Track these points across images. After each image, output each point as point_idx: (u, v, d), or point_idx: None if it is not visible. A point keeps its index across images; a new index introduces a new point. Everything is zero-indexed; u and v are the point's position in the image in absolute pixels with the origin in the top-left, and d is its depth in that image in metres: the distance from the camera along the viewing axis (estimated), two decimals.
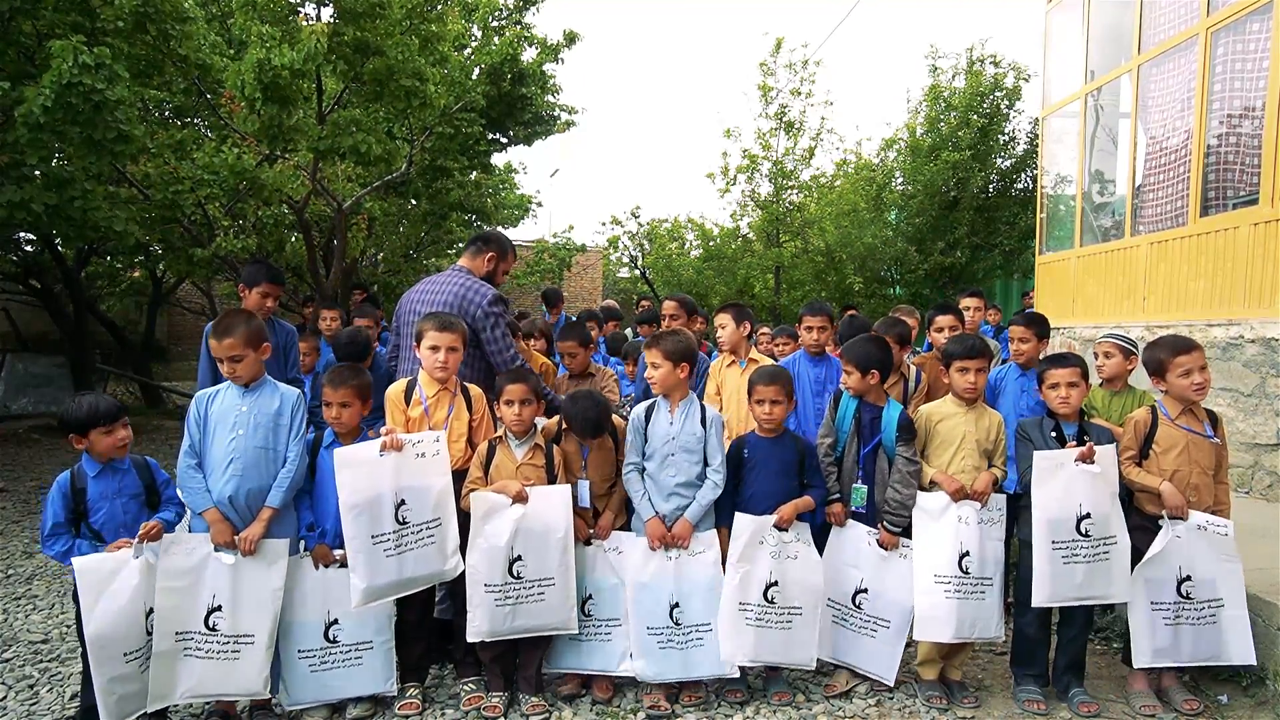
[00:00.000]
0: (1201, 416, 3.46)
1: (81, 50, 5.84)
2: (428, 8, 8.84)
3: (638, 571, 3.44)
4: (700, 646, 3.42)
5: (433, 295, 3.91)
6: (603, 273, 23.49)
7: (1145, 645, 3.39)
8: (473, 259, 4.09)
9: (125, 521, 3.11)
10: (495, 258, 4.12)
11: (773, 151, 15.85)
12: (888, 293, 14.30)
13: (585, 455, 3.57)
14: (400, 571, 3.28)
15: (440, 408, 3.51)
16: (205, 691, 3.15)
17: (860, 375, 3.56)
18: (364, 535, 3.20)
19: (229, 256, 9.28)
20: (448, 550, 3.37)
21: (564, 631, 3.44)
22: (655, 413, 3.54)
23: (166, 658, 3.08)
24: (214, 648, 3.11)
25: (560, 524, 3.35)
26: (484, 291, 3.87)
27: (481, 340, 3.83)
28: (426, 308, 3.84)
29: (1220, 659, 3.39)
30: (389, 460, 3.23)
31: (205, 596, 3.09)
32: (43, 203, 6.39)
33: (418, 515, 3.29)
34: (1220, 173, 6.07)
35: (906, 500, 3.45)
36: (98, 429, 3.07)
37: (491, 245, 4.13)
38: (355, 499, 3.19)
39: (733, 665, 3.43)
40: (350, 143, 7.77)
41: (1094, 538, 3.31)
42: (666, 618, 3.41)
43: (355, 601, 3.24)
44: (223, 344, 3.18)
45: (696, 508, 3.43)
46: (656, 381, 3.50)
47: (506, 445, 3.48)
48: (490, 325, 3.82)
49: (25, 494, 7.33)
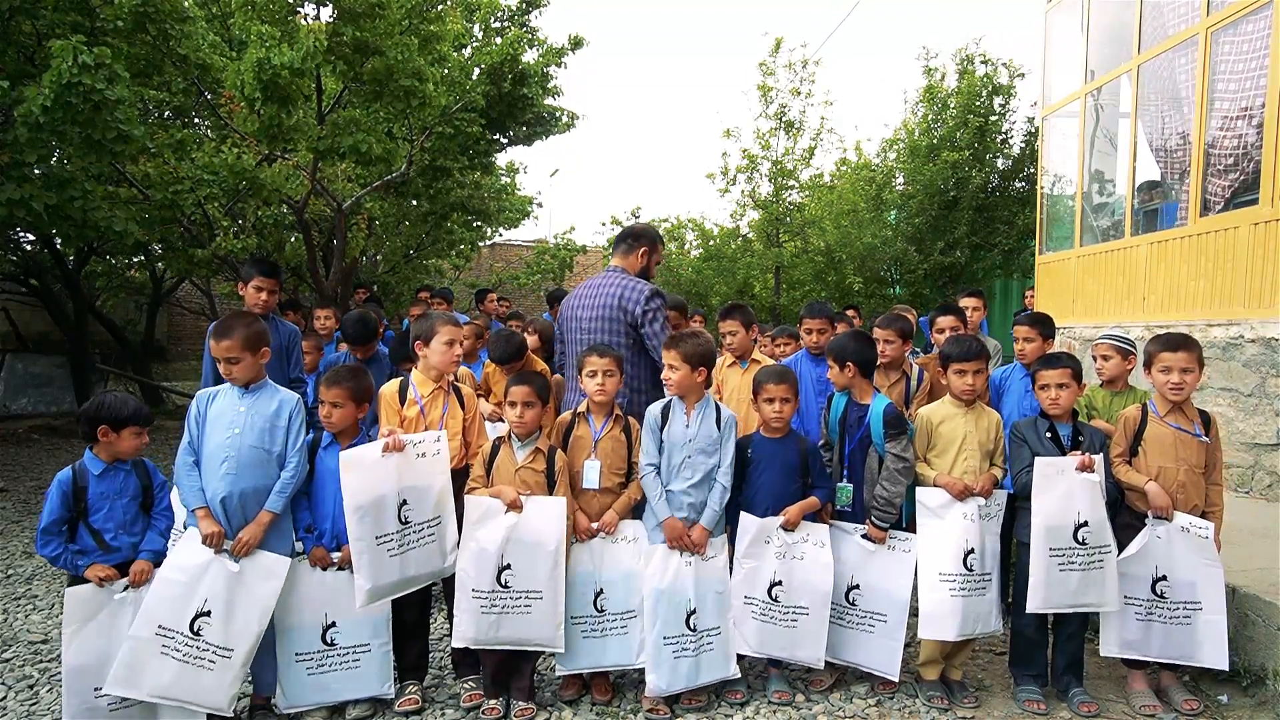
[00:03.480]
0: (1192, 415, 3.46)
1: (81, 50, 5.83)
2: (427, 8, 8.84)
3: (657, 578, 3.40)
4: (710, 651, 3.42)
5: (593, 299, 3.89)
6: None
7: (1114, 636, 3.44)
8: (625, 257, 4.05)
9: (124, 521, 3.12)
10: (648, 252, 4.08)
11: (772, 151, 15.85)
12: (888, 293, 14.29)
13: (596, 438, 3.54)
14: (403, 570, 3.30)
15: (435, 407, 3.51)
16: (171, 695, 3.02)
17: (838, 369, 3.57)
18: (369, 536, 3.20)
19: (229, 256, 9.27)
20: (447, 547, 3.40)
21: (549, 649, 3.40)
22: (671, 414, 3.49)
23: (143, 647, 2.98)
24: (192, 653, 3.03)
25: (553, 537, 3.32)
26: (641, 288, 3.86)
27: (643, 334, 3.81)
28: (588, 311, 3.86)
29: (1191, 660, 3.40)
30: (392, 461, 3.24)
31: (198, 599, 3.05)
32: (43, 202, 6.38)
33: (419, 514, 3.31)
34: (1220, 172, 6.07)
35: (894, 497, 3.44)
36: (133, 428, 3.10)
37: (643, 240, 4.08)
38: (360, 500, 3.19)
39: (735, 668, 3.44)
40: (350, 143, 7.76)
41: (1090, 546, 3.31)
42: (684, 625, 3.38)
43: (360, 602, 3.24)
44: (220, 345, 3.20)
45: (710, 514, 3.43)
46: (674, 383, 3.46)
47: (509, 447, 3.47)
48: (650, 320, 3.80)
49: (25, 494, 7.33)
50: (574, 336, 3.92)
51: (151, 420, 3.20)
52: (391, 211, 12.33)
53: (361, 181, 10.54)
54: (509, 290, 17.18)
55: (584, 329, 3.88)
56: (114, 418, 3.07)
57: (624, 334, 3.82)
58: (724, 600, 3.46)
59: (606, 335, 3.81)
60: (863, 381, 3.59)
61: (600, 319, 3.83)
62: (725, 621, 3.45)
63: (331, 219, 10.22)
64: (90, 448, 3.13)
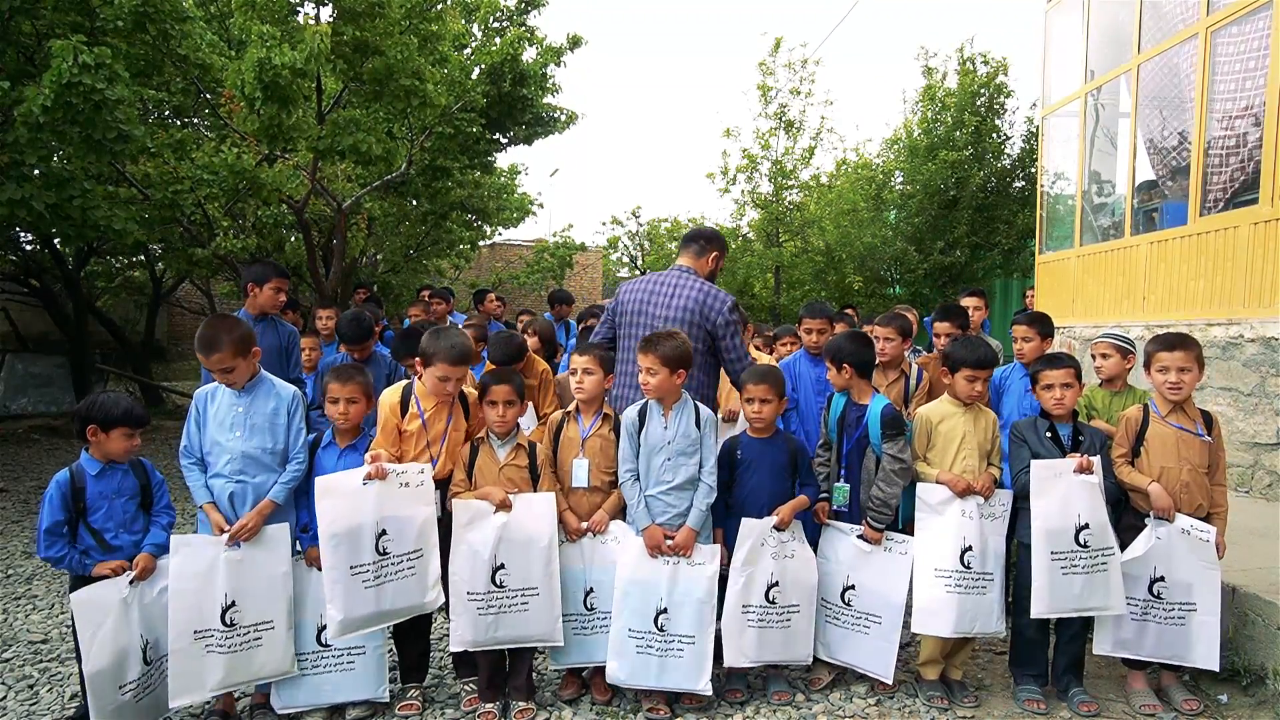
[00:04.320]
0: (1194, 415, 3.45)
1: (82, 50, 5.83)
2: (427, 7, 8.85)
3: (630, 569, 3.37)
4: (679, 658, 3.32)
5: (668, 297, 3.80)
6: (603, 272, 23.50)
7: (1108, 634, 3.44)
8: (696, 258, 3.97)
9: (123, 520, 3.13)
10: (718, 256, 4.04)
11: (772, 151, 15.86)
12: (887, 292, 14.30)
13: (585, 437, 3.52)
14: (379, 603, 3.22)
15: (438, 420, 3.46)
16: (232, 682, 3.17)
17: (835, 370, 3.57)
18: (343, 566, 3.14)
19: (229, 256, 9.28)
20: (428, 582, 3.31)
21: (549, 643, 3.39)
22: (649, 417, 3.43)
23: (188, 655, 3.07)
24: (235, 642, 3.13)
25: (544, 533, 3.30)
26: (723, 298, 3.80)
27: (720, 347, 3.77)
28: (663, 310, 3.77)
29: (1184, 660, 3.40)
30: (372, 489, 3.17)
31: (218, 595, 3.10)
32: (43, 202, 6.38)
33: (399, 546, 3.23)
34: (1220, 172, 6.07)
35: (890, 498, 3.43)
36: (122, 429, 3.08)
37: (714, 244, 4.02)
38: (335, 528, 3.13)
39: (706, 683, 3.33)
40: (350, 142, 7.77)
41: (1093, 548, 3.30)
42: (651, 623, 3.33)
43: (331, 633, 3.20)
44: (211, 359, 3.15)
45: (696, 514, 3.37)
46: (652, 388, 3.35)
47: (489, 446, 3.44)
48: (731, 333, 3.76)
49: (25, 494, 7.33)
50: (643, 333, 3.72)
51: (144, 422, 3.16)
52: (391, 211, 12.34)
53: (361, 181, 10.55)
54: (509, 290, 17.19)
55: (656, 327, 3.72)
56: (104, 418, 3.05)
57: (700, 340, 3.74)
58: (704, 612, 3.32)
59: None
60: (861, 382, 3.58)
61: (679, 321, 3.72)
62: (703, 636, 3.32)
63: (331, 219, 10.22)
64: (85, 448, 3.13)
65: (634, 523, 3.42)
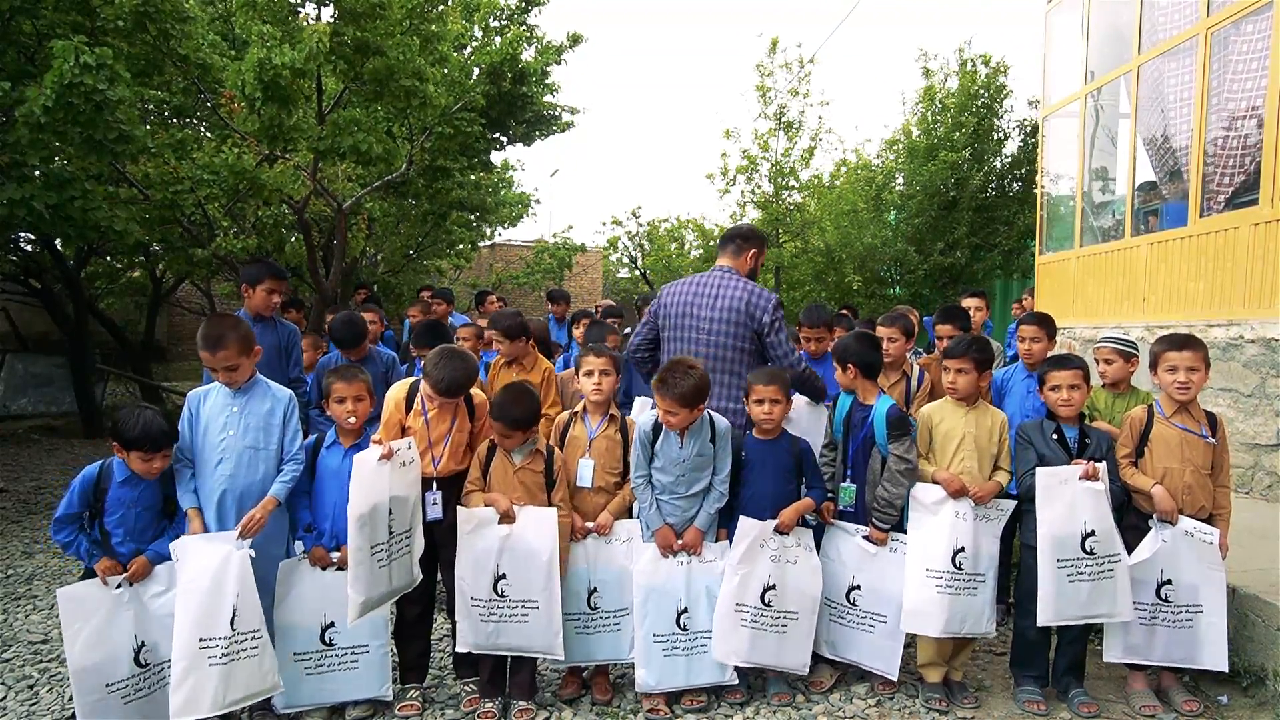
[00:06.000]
0: (1199, 417, 3.44)
1: (82, 50, 5.83)
2: (428, 8, 8.84)
3: (647, 576, 3.41)
4: (705, 653, 3.42)
5: (712, 298, 3.84)
6: (603, 272, 23.50)
7: (1118, 641, 3.43)
8: (735, 257, 4.01)
9: (136, 529, 3.09)
10: (756, 254, 4.07)
11: (772, 152, 15.87)
12: (888, 293, 14.29)
13: (591, 437, 3.54)
14: (390, 582, 3.26)
15: (442, 421, 3.47)
16: (232, 699, 2.99)
17: (841, 370, 3.58)
18: (365, 547, 3.14)
19: (229, 256, 9.26)
20: (414, 560, 3.37)
21: (549, 656, 3.40)
22: (664, 433, 3.43)
23: (191, 667, 2.93)
24: (233, 649, 2.99)
25: (546, 548, 3.31)
26: (768, 296, 3.85)
27: (767, 344, 3.81)
28: (709, 311, 3.81)
29: (1192, 663, 3.40)
30: (385, 469, 3.20)
31: (229, 598, 2.98)
32: (43, 202, 6.38)
33: (400, 525, 3.28)
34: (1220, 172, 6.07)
35: (895, 499, 3.43)
36: (138, 453, 3.00)
37: (752, 242, 4.06)
38: (361, 509, 3.13)
39: (732, 672, 3.43)
40: (350, 142, 7.76)
41: (1099, 555, 3.29)
42: (674, 624, 3.39)
43: (352, 616, 3.17)
44: (217, 356, 3.14)
45: (705, 517, 3.43)
46: (674, 425, 3.34)
47: (505, 450, 3.45)
48: (777, 330, 3.79)
49: (25, 494, 7.33)
50: (690, 335, 3.84)
51: (161, 445, 3.02)
52: (391, 211, 12.34)
53: (361, 181, 10.55)
54: (509, 290, 17.19)
55: (703, 328, 3.81)
56: (122, 439, 3.01)
57: (748, 339, 3.79)
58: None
59: (730, 338, 3.78)
60: (866, 383, 3.59)
61: (725, 321, 3.78)
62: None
63: (331, 219, 10.22)
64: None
65: (646, 525, 3.45)
